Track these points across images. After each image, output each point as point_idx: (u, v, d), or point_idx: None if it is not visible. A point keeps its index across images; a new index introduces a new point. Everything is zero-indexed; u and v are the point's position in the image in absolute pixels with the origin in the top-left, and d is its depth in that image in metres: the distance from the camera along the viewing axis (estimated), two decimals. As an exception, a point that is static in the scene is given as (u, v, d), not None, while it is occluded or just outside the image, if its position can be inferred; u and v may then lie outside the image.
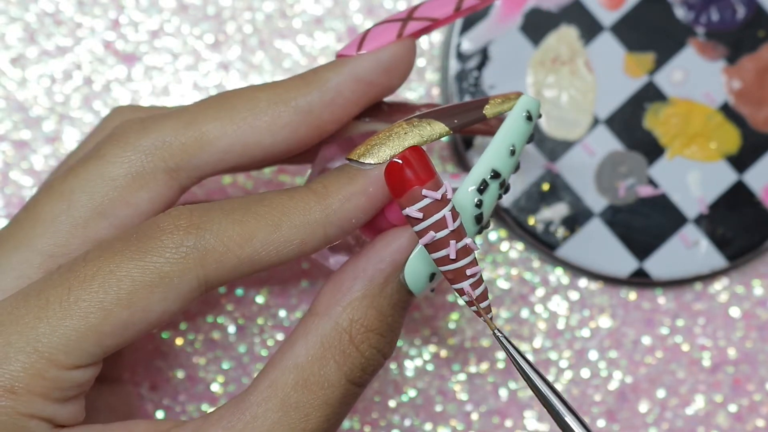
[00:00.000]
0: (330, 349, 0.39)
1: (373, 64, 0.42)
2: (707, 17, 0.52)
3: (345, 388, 0.39)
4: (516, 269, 0.53)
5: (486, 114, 0.40)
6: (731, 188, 0.52)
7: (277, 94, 0.41)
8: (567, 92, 0.52)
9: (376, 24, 0.43)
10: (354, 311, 0.39)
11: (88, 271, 0.38)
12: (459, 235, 0.37)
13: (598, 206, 0.52)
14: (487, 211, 0.40)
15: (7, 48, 0.53)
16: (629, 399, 0.53)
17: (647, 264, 0.52)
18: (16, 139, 0.53)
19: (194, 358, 0.53)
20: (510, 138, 0.40)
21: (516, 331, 0.53)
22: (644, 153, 0.52)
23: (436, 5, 0.43)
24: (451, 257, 0.37)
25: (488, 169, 0.39)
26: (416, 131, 0.40)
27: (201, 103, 0.41)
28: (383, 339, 0.40)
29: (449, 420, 0.53)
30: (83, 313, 0.37)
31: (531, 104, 0.40)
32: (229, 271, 0.38)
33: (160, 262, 0.37)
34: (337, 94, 0.41)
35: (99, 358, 0.38)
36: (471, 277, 0.38)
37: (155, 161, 0.40)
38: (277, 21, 0.53)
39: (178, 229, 0.38)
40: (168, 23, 0.53)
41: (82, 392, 0.38)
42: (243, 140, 0.41)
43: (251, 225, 0.38)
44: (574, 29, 0.52)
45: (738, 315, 0.53)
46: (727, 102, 0.52)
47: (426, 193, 0.37)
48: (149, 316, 0.38)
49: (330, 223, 0.39)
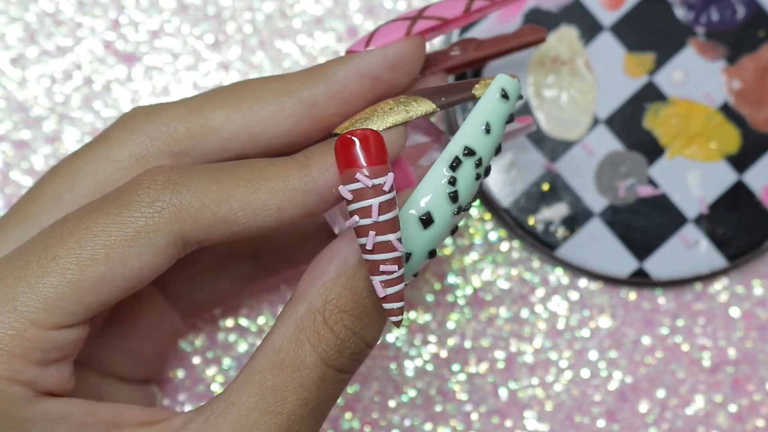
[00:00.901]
0: (304, 330, 0.39)
1: (380, 59, 0.42)
2: (707, 17, 0.52)
3: (322, 370, 0.39)
4: (516, 269, 0.53)
5: (475, 94, 0.40)
6: (731, 188, 0.52)
7: (283, 85, 0.41)
8: (567, 92, 0.52)
9: (386, 22, 0.43)
10: (327, 292, 0.39)
11: (65, 229, 0.38)
12: (382, 228, 0.36)
13: (598, 206, 0.52)
14: (464, 191, 0.39)
15: (7, 48, 0.53)
16: (629, 399, 0.53)
17: (647, 264, 0.52)
18: (16, 139, 0.53)
19: (194, 358, 0.53)
20: (484, 115, 0.39)
21: (516, 331, 0.53)
22: (644, 153, 0.52)
23: (446, 5, 0.43)
24: (367, 248, 0.37)
25: (461, 147, 0.39)
26: (401, 107, 0.40)
27: (209, 92, 0.42)
28: (359, 321, 0.39)
29: (449, 420, 0.53)
30: (61, 269, 0.37)
31: (507, 83, 0.40)
32: (205, 228, 0.38)
33: (136, 216, 0.37)
34: (343, 88, 0.41)
35: (82, 317, 0.38)
36: (385, 274, 0.37)
37: (159, 145, 0.41)
38: (277, 21, 0.53)
39: (156, 183, 0.38)
40: (168, 23, 0.53)
41: (66, 356, 0.38)
42: (247, 129, 0.41)
43: (229, 185, 0.38)
44: (574, 29, 0.52)
45: (738, 315, 0.53)
46: (727, 102, 0.52)
47: (358, 177, 0.36)
48: (127, 271, 0.38)
49: (309, 191, 0.38)
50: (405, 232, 0.39)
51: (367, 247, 0.37)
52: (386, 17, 0.53)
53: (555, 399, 0.53)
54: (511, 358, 0.53)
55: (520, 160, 0.52)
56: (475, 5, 0.43)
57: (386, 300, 0.37)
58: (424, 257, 0.39)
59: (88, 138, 0.53)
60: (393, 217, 0.37)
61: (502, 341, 0.53)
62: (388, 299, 0.37)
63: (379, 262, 0.37)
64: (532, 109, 0.52)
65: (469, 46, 0.46)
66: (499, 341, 0.53)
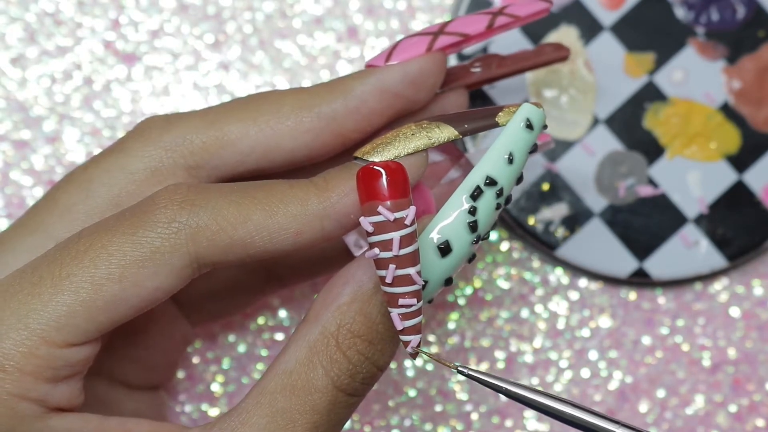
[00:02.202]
0: (317, 354, 0.38)
1: (400, 75, 0.41)
2: (707, 17, 0.52)
3: (333, 395, 0.38)
4: (516, 269, 0.53)
5: (499, 122, 0.39)
6: (731, 188, 0.52)
7: (301, 99, 0.41)
8: (567, 92, 0.52)
9: (407, 36, 0.43)
10: (342, 316, 0.39)
11: (80, 246, 0.37)
12: (402, 262, 0.36)
13: (598, 206, 0.52)
14: (484, 220, 0.39)
15: (7, 48, 0.53)
16: (629, 399, 0.53)
17: (647, 264, 0.52)
18: (16, 139, 0.53)
19: (194, 358, 0.53)
20: (507, 145, 0.39)
21: (516, 331, 0.53)
22: (644, 153, 0.52)
23: (468, 21, 0.42)
24: (387, 281, 0.37)
25: (483, 176, 0.38)
26: (424, 133, 0.39)
27: (226, 104, 0.41)
28: (372, 346, 0.39)
29: (449, 420, 0.53)
30: (74, 288, 0.37)
31: (532, 112, 0.39)
32: (222, 251, 0.38)
33: (152, 236, 0.37)
34: (362, 103, 0.41)
35: (93, 335, 0.37)
36: (403, 307, 0.37)
37: (175, 157, 0.40)
38: (277, 21, 0.53)
39: (173, 203, 0.37)
40: (168, 23, 0.53)
41: (76, 373, 0.38)
42: (264, 143, 0.41)
43: (247, 207, 0.38)
44: (574, 29, 0.52)
45: (738, 315, 0.53)
46: (727, 102, 0.52)
47: (380, 210, 0.36)
48: (141, 291, 0.37)
49: (327, 216, 0.38)
50: (422, 260, 0.38)
51: (387, 280, 0.37)
52: (386, 17, 0.53)
53: (555, 399, 0.53)
54: (511, 358, 0.53)
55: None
56: (498, 21, 0.42)
57: (404, 333, 0.37)
58: (440, 285, 0.39)
59: (88, 138, 0.53)
60: (413, 250, 0.37)
61: (502, 341, 0.53)
62: (406, 332, 0.37)
63: (398, 295, 0.37)
64: (532, 109, 0.52)
65: (491, 62, 0.45)
66: (499, 341, 0.53)
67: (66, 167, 0.53)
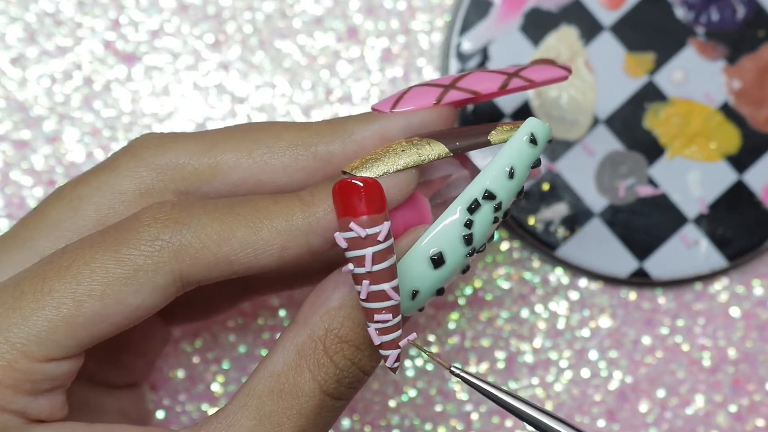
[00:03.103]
0: (305, 358, 0.38)
1: (403, 124, 0.40)
2: (707, 17, 0.52)
3: (320, 399, 0.38)
4: (516, 269, 0.53)
5: (491, 140, 0.39)
6: (731, 188, 0.52)
7: (300, 137, 0.40)
8: (567, 92, 0.52)
9: (418, 84, 0.42)
10: (330, 321, 0.38)
11: (63, 262, 0.37)
12: (376, 278, 0.36)
13: (598, 206, 0.52)
14: (479, 234, 0.38)
15: (7, 48, 0.53)
16: (629, 399, 0.53)
17: (647, 264, 0.52)
18: (16, 139, 0.53)
19: (194, 358, 0.53)
20: (508, 160, 0.38)
21: (516, 331, 0.53)
22: (644, 153, 0.52)
23: (482, 78, 0.41)
24: (361, 296, 0.37)
25: (481, 190, 0.38)
26: (414, 150, 0.39)
27: (224, 130, 0.41)
28: (359, 351, 0.39)
29: (449, 420, 0.53)
30: (56, 303, 0.37)
31: (537, 127, 0.38)
32: (206, 269, 0.37)
33: (135, 254, 0.37)
34: (359, 148, 0.40)
35: (74, 351, 0.37)
36: (379, 323, 0.37)
37: (166, 181, 0.40)
38: (277, 21, 0.53)
39: (156, 221, 0.37)
40: (168, 23, 0.53)
41: (58, 386, 0.38)
42: (257, 176, 0.40)
43: (231, 224, 0.37)
44: (574, 29, 0.52)
45: (738, 315, 0.53)
46: (727, 102, 0.52)
47: (352, 226, 0.36)
48: (123, 309, 0.37)
49: (313, 231, 0.38)
50: (415, 270, 0.38)
51: (361, 296, 0.37)
52: (386, 17, 0.53)
53: (555, 399, 0.53)
54: (511, 358, 0.53)
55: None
56: (513, 84, 0.41)
57: (382, 347, 0.37)
58: (431, 295, 0.39)
59: (88, 138, 0.53)
60: (388, 266, 0.36)
61: (502, 341, 0.53)
62: (383, 347, 0.37)
63: (374, 310, 0.37)
64: (533, 109, 0.52)
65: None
66: (499, 341, 0.53)
67: (66, 167, 0.53)
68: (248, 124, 0.41)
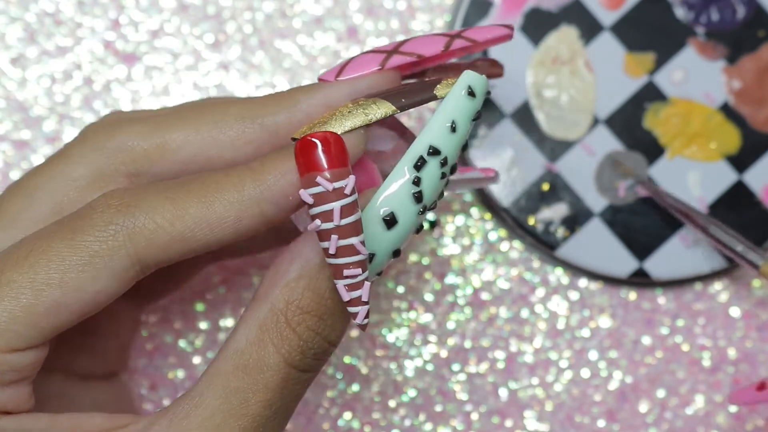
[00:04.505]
0: (267, 332, 0.38)
1: (348, 91, 0.41)
2: (707, 17, 0.52)
3: (285, 372, 0.38)
4: (516, 269, 0.53)
5: (437, 94, 0.39)
6: (731, 188, 0.52)
7: (246, 109, 0.41)
8: (567, 92, 0.52)
9: (362, 53, 0.42)
10: (290, 292, 0.38)
11: (21, 252, 0.38)
12: (345, 232, 0.36)
13: (598, 206, 0.52)
14: (429, 190, 0.39)
15: (7, 48, 0.53)
16: (629, 399, 0.53)
17: (647, 264, 0.52)
18: (16, 139, 0.53)
19: (194, 358, 0.53)
20: (449, 114, 0.39)
21: (516, 331, 0.53)
22: (644, 153, 0.52)
23: (425, 42, 0.42)
24: (330, 252, 0.36)
25: (425, 146, 0.38)
26: (361, 110, 0.39)
27: (172, 109, 0.41)
28: (322, 321, 0.39)
29: (449, 420, 0.53)
30: (14, 294, 0.37)
31: (474, 80, 0.39)
32: (162, 249, 0.38)
33: (90, 240, 0.37)
34: (306, 117, 0.40)
35: (37, 341, 0.37)
36: (348, 278, 0.37)
37: (117, 164, 0.40)
38: (277, 21, 0.53)
39: (110, 207, 0.38)
40: (168, 23, 0.53)
41: (23, 378, 0.38)
42: (206, 152, 0.40)
43: (183, 201, 0.38)
44: (574, 29, 0.52)
45: (738, 315, 0.53)
46: (727, 102, 0.52)
47: (319, 180, 0.36)
48: (83, 296, 0.37)
49: (265, 200, 0.38)
50: (368, 232, 0.38)
51: (330, 251, 0.36)
52: (386, 17, 0.53)
53: (555, 399, 0.53)
54: (511, 358, 0.53)
55: (520, 160, 0.52)
56: (455, 44, 0.41)
57: (351, 304, 0.37)
58: (387, 257, 0.39)
59: (88, 138, 0.53)
60: (355, 220, 0.36)
61: (502, 341, 0.53)
62: (352, 303, 0.37)
63: (343, 266, 0.37)
64: (532, 109, 0.52)
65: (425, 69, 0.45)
66: (499, 341, 0.53)
67: (66, 167, 0.53)
68: (195, 101, 0.42)
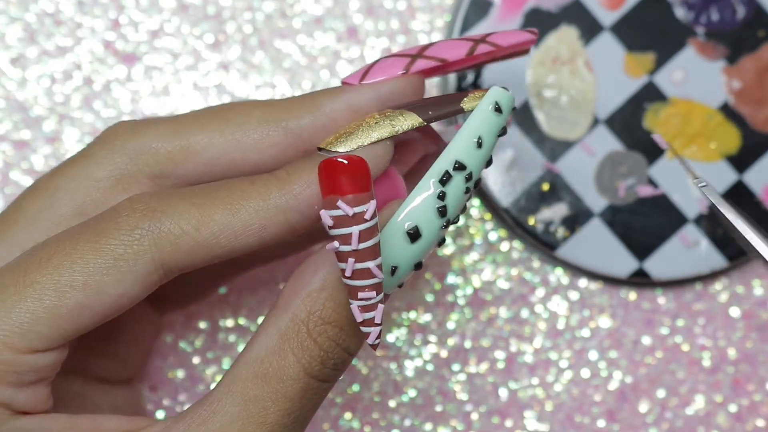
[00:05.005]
0: (288, 341, 0.39)
1: (372, 95, 0.41)
2: (707, 17, 0.52)
3: (305, 381, 0.39)
4: (516, 269, 0.53)
5: (464, 107, 0.39)
6: (731, 188, 0.52)
7: (270, 112, 0.41)
8: (567, 92, 0.52)
9: (386, 56, 0.42)
10: (312, 303, 0.39)
11: (44, 254, 0.38)
12: (362, 256, 0.36)
13: (598, 206, 0.52)
14: (453, 205, 0.39)
15: (7, 48, 0.53)
16: (629, 399, 0.53)
17: (647, 264, 0.52)
18: (16, 139, 0.53)
19: (194, 358, 0.53)
20: (476, 130, 0.39)
21: (516, 331, 0.53)
22: (644, 153, 0.52)
23: (449, 46, 0.42)
24: (346, 274, 0.37)
25: (451, 161, 0.38)
26: (387, 122, 0.39)
27: (195, 112, 0.41)
28: (342, 332, 0.39)
29: (449, 420, 0.53)
30: (38, 295, 0.37)
31: (501, 96, 0.39)
32: (186, 254, 0.38)
33: (115, 243, 0.37)
34: (330, 121, 0.40)
35: (58, 342, 0.38)
36: (362, 300, 0.37)
37: (140, 166, 0.40)
38: (277, 21, 0.53)
39: (135, 211, 0.38)
40: (168, 23, 0.53)
41: (42, 378, 0.38)
42: (229, 154, 0.40)
43: (209, 208, 0.38)
44: (574, 29, 0.52)
45: (738, 315, 0.53)
46: (727, 102, 0.52)
47: (340, 204, 0.36)
48: (105, 299, 0.37)
49: (290, 208, 0.38)
50: (392, 245, 0.38)
51: (346, 273, 0.37)
52: (386, 17, 0.53)
53: (555, 399, 0.53)
54: (511, 358, 0.53)
55: (520, 160, 0.52)
56: (480, 49, 0.41)
57: (364, 324, 0.37)
58: (409, 270, 0.39)
59: (88, 138, 0.53)
60: (373, 244, 0.37)
61: (502, 341, 0.53)
62: (365, 324, 0.37)
63: (358, 288, 0.37)
64: (532, 109, 0.52)
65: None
66: (499, 341, 0.53)
67: (66, 167, 0.53)
68: (218, 105, 0.42)
